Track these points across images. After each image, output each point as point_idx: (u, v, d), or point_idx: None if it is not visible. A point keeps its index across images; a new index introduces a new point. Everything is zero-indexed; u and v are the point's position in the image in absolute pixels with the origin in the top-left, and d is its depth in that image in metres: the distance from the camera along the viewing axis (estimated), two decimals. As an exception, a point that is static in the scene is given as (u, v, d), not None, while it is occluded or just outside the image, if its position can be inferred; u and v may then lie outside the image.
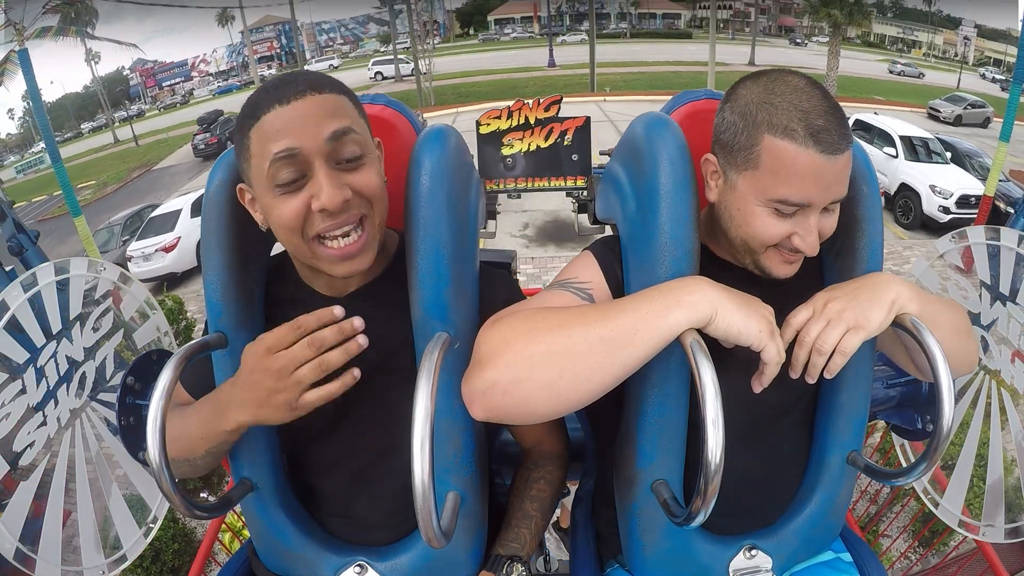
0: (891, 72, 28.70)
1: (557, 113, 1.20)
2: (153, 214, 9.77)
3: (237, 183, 0.76)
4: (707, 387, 0.59)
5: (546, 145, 1.21)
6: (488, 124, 1.21)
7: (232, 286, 0.79)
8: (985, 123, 17.31)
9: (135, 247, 8.87)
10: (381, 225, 0.76)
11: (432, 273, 0.76)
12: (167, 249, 8.62)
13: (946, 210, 8.39)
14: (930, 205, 8.57)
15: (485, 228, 1.31)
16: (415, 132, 0.95)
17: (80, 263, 1.12)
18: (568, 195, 1.26)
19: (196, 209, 9.16)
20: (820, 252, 0.86)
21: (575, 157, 1.20)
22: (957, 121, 17.38)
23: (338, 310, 0.69)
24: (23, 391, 1.00)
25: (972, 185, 8.54)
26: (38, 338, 1.03)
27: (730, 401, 0.62)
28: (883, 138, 9.63)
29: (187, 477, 0.83)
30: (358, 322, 0.70)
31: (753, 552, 0.83)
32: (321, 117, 0.68)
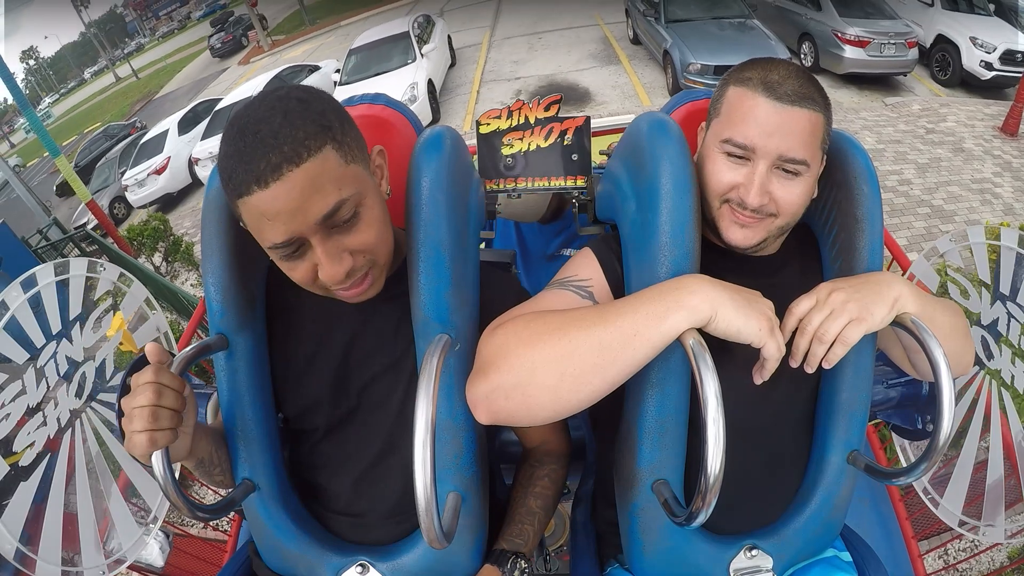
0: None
1: (557, 113, 1.20)
2: (143, 140, 9.73)
3: None
4: (708, 387, 0.59)
5: (546, 145, 1.20)
6: (488, 124, 1.20)
7: (233, 288, 0.79)
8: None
9: (129, 175, 8.78)
10: (388, 259, 0.75)
11: (432, 275, 0.76)
12: (159, 171, 8.57)
13: (989, 66, 7.36)
14: (971, 59, 7.46)
15: (485, 228, 1.31)
16: (415, 132, 0.95)
17: (80, 263, 1.12)
18: (568, 195, 1.26)
19: (183, 126, 9.41)
20: (820, 251, 0.87)
21: (575, 157, 1.20)
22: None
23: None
24: (23, 391, 1.00)
25: (1018, 40, 7.47)
26: (38, 338, 1.03)
27: (730, 399, 0.62)
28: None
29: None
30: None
31: (753, 552, 0.83)
32: (307, 197, 0.62)
